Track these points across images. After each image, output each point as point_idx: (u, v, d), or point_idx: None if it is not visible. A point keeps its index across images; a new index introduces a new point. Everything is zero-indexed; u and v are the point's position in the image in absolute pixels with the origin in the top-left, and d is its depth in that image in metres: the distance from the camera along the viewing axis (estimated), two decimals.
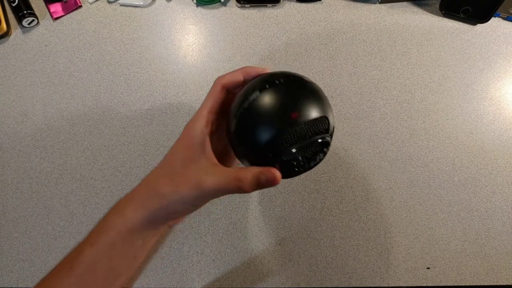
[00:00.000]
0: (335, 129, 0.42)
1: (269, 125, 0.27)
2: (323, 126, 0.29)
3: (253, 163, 0.30)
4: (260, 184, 0.29)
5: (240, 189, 0.29)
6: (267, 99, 0.27)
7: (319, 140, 0.28)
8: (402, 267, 0.41)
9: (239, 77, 0.32)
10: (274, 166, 0.29)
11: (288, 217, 0.41)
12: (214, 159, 0.31)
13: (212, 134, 0.31)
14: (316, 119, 0.28)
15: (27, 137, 0.42)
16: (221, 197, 0.41)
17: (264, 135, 0.27)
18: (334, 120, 0.31)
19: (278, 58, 0.45)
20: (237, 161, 0.33)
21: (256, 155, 0.30)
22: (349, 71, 0.45)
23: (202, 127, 0.30)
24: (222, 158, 0.32)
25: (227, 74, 0.32)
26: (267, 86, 0.27)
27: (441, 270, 0.41)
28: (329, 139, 0.29)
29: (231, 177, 0.29)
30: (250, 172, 0.29)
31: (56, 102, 0.43)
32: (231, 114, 0.30)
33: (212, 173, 0.29)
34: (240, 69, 0.33)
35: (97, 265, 0.29)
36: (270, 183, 0.29)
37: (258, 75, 0.32)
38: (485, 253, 0.41)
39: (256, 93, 0.27)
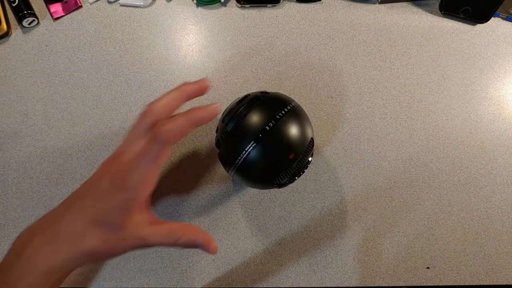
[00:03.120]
0: (335, 130, 0.43)
1: (270, 169, 0.31)
2: (310, 146, 0.33)
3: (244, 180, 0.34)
4: (193, 247, 0.30)
5: (175, 247, 0.30)
6: (263, 149, 0.30)
7: (309, 159, 0.33)
8: (402, 266, 0.41)
9: (190, 131, 0.28)
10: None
11: (288, 217, 0.41)
12: (153, 214, 0.30)
13: None
14: (307, 147, 0.32)
15: (27, 137, 0.42)
16: (221, 198, 0.41)
17: (267, 176, 0.32)
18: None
19: (278, 58, 0.45)
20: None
21: (256, 186, 0.35)
22: (349, 71, 0.45)
23: (147, 192, 0.28)
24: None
25: (173, 124, 0.27)
26: (260, 136, 0.30)
27: (441, 270, 0.41)
28: (313, 151, 0.34)
29: (170, 238, 0.29)
30: (189, 239, 0.29)
31: (56, 102, 0.43)
32: (230, 152, 0.32)
33: (153, 231, 0.29)
34: (187, 119, 0.28)
35: None
36: (206, 250, 0.31)
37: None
38: (485, 253, 0.41)
39: (252, 144, 0.30)
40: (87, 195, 0.28)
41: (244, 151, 0.30)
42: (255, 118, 0.31)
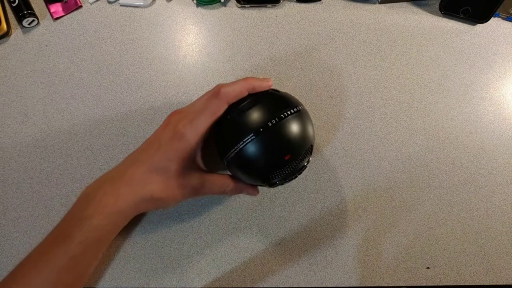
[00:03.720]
0: (335, 130, 0.43)
1: (264, 165, 0.31)
2: (308, 152, 0.32)
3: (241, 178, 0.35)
4: (239, 193, 0.37)
5: (223, 195, 0.35)
6: (261, 144, 0.30)
7: (305, 164, 0.33)
8: (402, 266, 0.41)
9: (244, 94, 0.33)
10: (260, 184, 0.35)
11: (288, 217, 0.41)
12: (203, 167, 0.35)
13: None
14: (305, 152, 0.32)
15: (27, 137, 0.42)
16: (221, 198, 0.41)
17: (260, 172, 0.32)
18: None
19: (278, 58, 0.45)
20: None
21: (248, 179, 0.34)
22: (349, 71, 0.45)
23: (200, 144, 0.33)
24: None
25: (232, 87, 0.32)
26: (261, 130, 0.30)
27: (441, 270, 0.41)
28: (310, 158, 0.33)
29: (220, 187, 0.35)
30: (235, 186, 0.35)
31: (56, 102, 0.43)
32: (228, 140, 0.32)
33: (205, 181, 0.34)
34: (245, 83, 0.33)
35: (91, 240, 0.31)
36: (249, 195, 0.37)
37: (260, 92, 0.34)
38: (485, 253, 0.41)
39: (252, 136, 0.30)
40: (151, 146, 0.33)
41: (242, 142, 0.30)
42: (260, 112, 0.31)
